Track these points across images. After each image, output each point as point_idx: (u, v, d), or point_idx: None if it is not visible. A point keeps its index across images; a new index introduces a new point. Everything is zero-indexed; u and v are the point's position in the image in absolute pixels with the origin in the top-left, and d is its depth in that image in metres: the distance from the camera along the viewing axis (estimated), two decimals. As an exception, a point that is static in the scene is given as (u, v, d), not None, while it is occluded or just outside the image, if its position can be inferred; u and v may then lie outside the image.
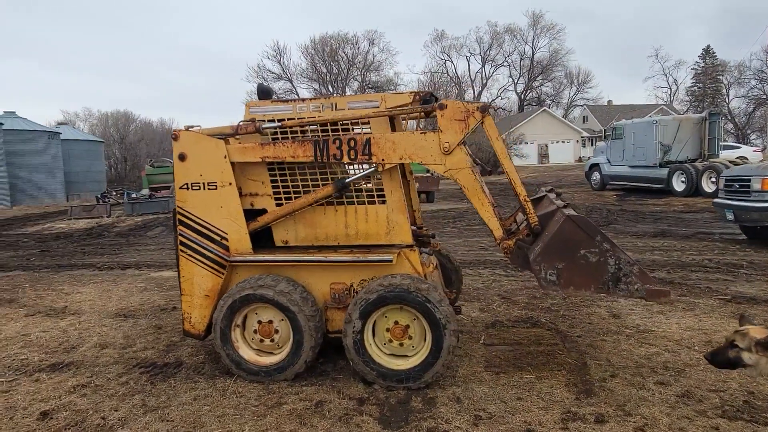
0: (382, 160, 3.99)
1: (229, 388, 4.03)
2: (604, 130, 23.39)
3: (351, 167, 4.41)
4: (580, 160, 48.78)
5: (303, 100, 4.32)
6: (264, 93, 4.65)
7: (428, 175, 19.63)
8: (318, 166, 4.22)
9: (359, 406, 3.72)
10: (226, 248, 4.25)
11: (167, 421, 3.57)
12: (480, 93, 63.08)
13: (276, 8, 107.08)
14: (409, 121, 5.09)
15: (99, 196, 25.31)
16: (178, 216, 4.29)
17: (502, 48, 63.53)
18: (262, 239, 4.41)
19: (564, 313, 5.59)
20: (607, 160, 22.06)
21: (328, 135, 4.13)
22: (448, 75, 63.56)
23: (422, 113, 4.14)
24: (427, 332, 3.92)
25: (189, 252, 4.30)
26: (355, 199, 4.24)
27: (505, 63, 64.80)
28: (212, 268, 4.28)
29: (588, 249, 3.74)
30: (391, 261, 4.02)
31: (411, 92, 4.25)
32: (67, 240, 13.79)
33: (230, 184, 4.20)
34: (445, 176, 4.04)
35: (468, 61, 64.43)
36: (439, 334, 3.84)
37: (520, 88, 67.22)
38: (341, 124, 4.19)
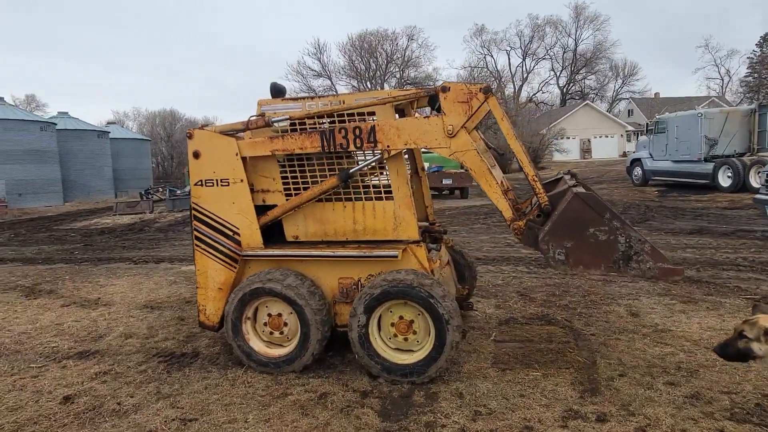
0: (388, 146, 4.02)
1: (239, 378, 4.16)
2: (647, 123, 22.65)
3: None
4: (624, 155, 47.26)
5: (312, 97, 4.40)
6: (277, 91, 4.75)
7: (462, 171, 19.51)
8: (326, 162, 4.28)
9: (362, 398, 3.78)
10: (238, 243, 4.38)
11: (177, 407, 3.73)
12: (521, 87, 61.96)
13: (318, 5, 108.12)
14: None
15: (143, 192, 26.25)
16: (194, 212, 4.45)
17: (543, 41, 62.13)
18: (274, 234, 4.52)
19: (581, 311, 5.49)
20: (650, 154, 21.35)
21: (335, 125, 4.18)
22: (488, 70, 62.72)
23: (426, 98, 4.14)
24: (430, 327, 3.94)
25: (203, 246, 4.45)
26: (362, 195, 4.29)
27: (547, 56, 63.39)
28: (225, 261, 4.42)
29: (597, 227, 3.67)
30: (396, 256, 4.05)
31: (418, 89, 4.27)
32: (110, 235, 14.39)
33: (242, 180, 4.33)
34: (451, 159, 4.01)
35: (508, 55, 63.58)
36: (442, 330, 3.86)
37: (563, 81, 65.72)
38: (348, 117, 4.23)
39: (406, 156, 5.15)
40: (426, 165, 18.67)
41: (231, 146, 4.30)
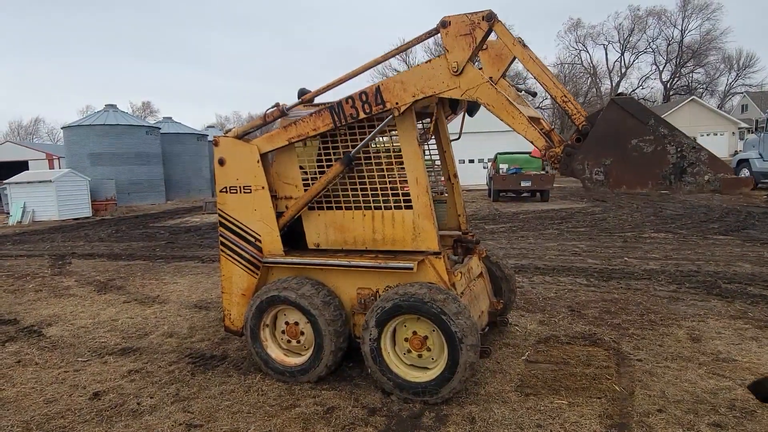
0: (396, 104, 3.79)
1: (254, 385, 4.16)
2: (756, 120, 20.44)
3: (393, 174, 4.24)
4: (735, 154, 43.10)
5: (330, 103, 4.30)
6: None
7: (543, 173, 18.68)
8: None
9: (368, 416, 3.64)
10: (260, 249, 4.39)
11: (188, 412, 3.79)
12: (618, 83, 58.56)
13: (409, 6, 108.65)
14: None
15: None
16: (219, 218, 4.52)
17: (644, 33, 58.29)
18: (301, 242, 4.48)
19: (634, 331, 4.96)
20: (759, 155, 19.30)
21: (341, 97, 4.04)
22: (583, 65, 59.79)
23: (427, 37, 3.87)
24: (444, 345, 3.71)
25: (228, 252, 4.51)
26: (382, 204, 4.14)
27: (648, 49, 59.31)
28: (248, 268, 4.45)
29: (641, 137, 3.17)
30: (411, 268, 3.86)
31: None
32: (194, 233, 15.22)
33: (263, 187, 4.33)
34: (465, 99, 3.67)
35: (605, 50, 60.13)
36: (454, 348, 3.62)
37: (666, 76, 61.17)
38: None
39: (434, 161, 4.93)
40: (505, 166, 18.09)
41: (253, 153, 4.31)
